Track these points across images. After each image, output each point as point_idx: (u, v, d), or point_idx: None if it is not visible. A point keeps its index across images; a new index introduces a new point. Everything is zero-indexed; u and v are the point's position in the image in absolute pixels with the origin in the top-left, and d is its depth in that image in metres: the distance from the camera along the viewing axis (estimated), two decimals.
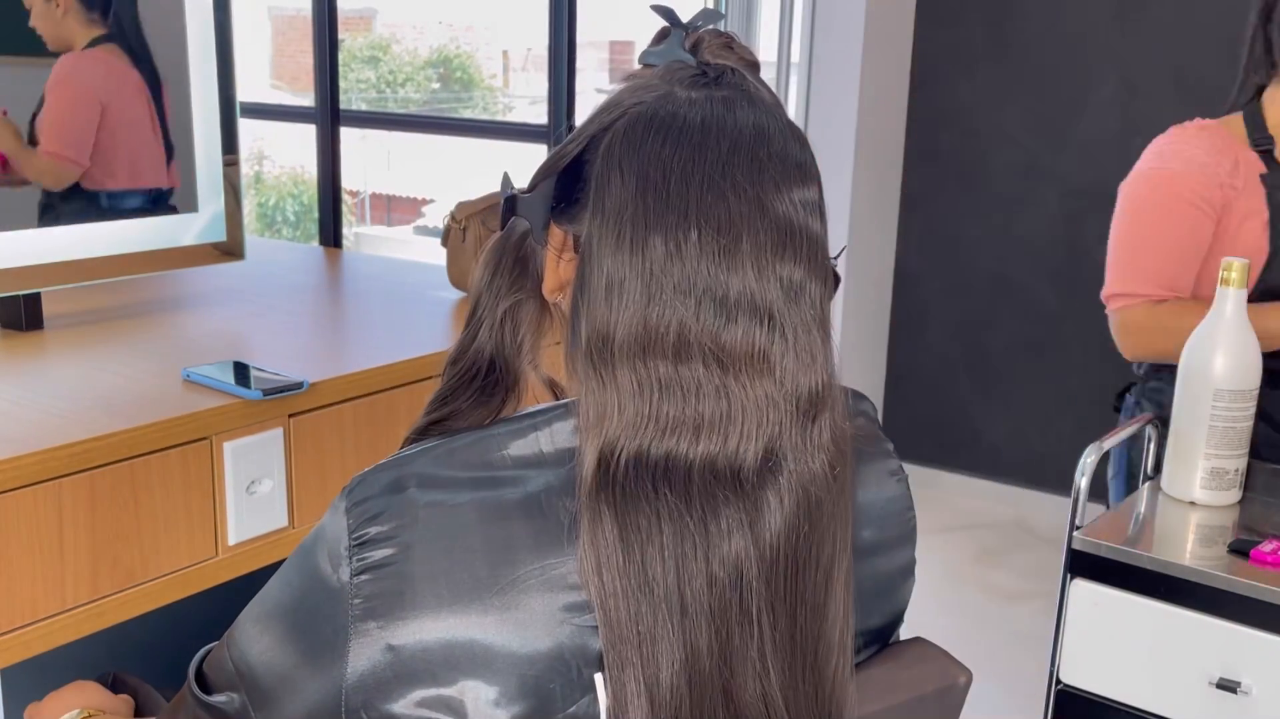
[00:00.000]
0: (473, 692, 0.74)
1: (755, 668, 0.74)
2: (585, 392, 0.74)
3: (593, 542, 0.73)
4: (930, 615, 3.01)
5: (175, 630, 1.37)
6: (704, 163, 0.74)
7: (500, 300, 0.85)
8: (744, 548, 0.73)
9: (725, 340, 0.73)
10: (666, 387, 0.73)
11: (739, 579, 0.73)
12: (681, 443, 0.73)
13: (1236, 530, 1.51)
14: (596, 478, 0.73)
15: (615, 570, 0.73)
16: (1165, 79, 3.44)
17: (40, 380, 1.32)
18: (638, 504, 0.73)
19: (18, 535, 1.09)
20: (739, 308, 0.73)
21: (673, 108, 0.76)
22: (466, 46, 6.85)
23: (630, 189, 0.74)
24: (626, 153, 0.75)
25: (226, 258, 1.67)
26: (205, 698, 0.85)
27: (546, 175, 0.81)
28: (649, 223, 0.73)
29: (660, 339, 0.72)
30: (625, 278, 0.73)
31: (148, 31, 1.55)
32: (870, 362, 3.97)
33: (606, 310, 0.73)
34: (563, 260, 0.81)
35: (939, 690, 0.90)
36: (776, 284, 0.74)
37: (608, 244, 0.74)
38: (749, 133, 0.75)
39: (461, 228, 1.76)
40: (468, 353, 0.85)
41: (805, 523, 0.75)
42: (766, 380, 0.73)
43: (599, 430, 0.73)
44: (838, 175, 3.63)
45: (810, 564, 0.76)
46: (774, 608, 0.75)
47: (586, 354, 0.74)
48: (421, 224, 7.08)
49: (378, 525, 0.75)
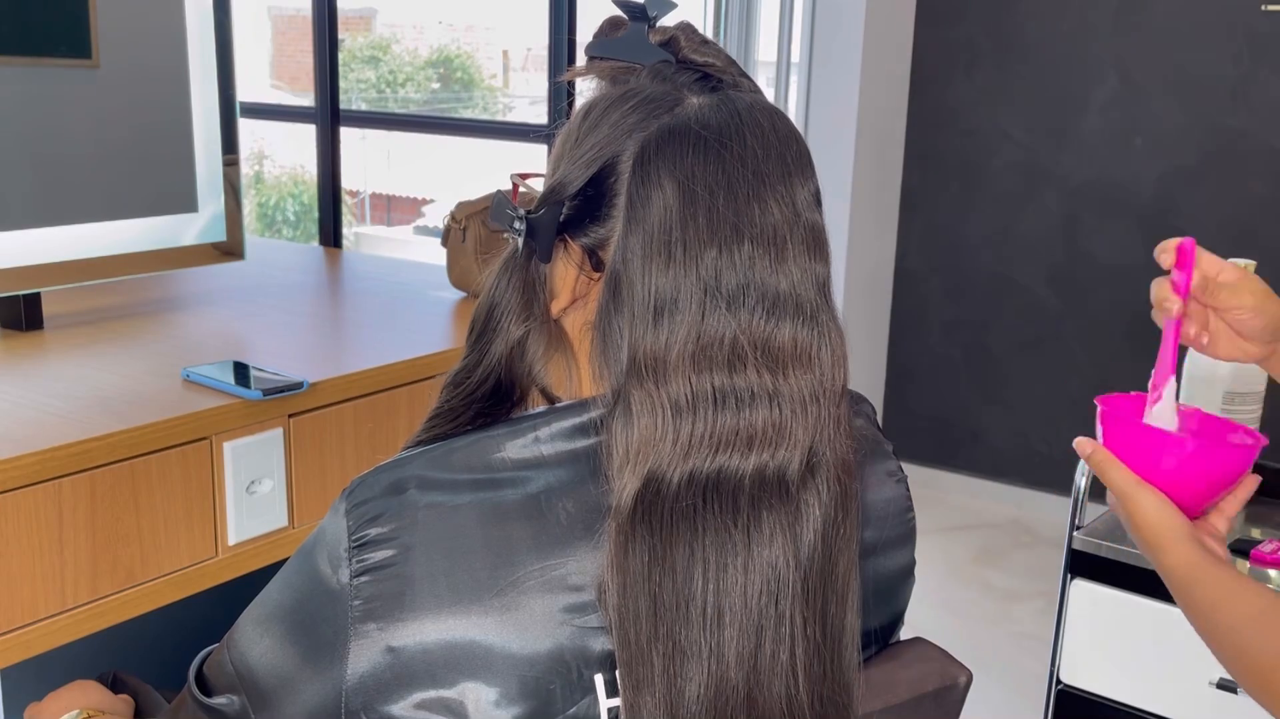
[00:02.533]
0: (473, 693, 0.73)
1: (785, 670, 0.74)
2: (634, 415, 0.73)
3: (621, 566, 0.73)
4: (930, 615, 3.01)
5: (175, 630, 1.37)
6: (744, 173, 0.74)
7: (511, 329, 0.83)
8: (782, 549, 0.74)
9: (776, 341, 0.73)
10: (722, 398, 0.72)
11: (778, 584, 0.74)
12: (734, 458, 0.73)
13: (1238, 531, 1.51)
14: (637, 503, 0.73)
15: (643, 593, 0.72)
16: (1165, 79, 3.44)
17: (40, 380, 1.32)
18: (682, 525, 0.73)
19: (18, 535, 1.09)
20: (786, 309, 0.73)
21: (694, 116, 0.76)
22: (466, 46, 6.85)
23: (675, 205, 0.73)
24: (663, 169, 0.74)
25: (226, 258, 1.67)
26: (205, 700, 0.85)
27: (559, 194, 0.79)
28: (701, 237, 0.73)
29: (716, 350, 0.72)
30: (679, 294, 0.73)
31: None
32: (870, 361, 3.97)
33: (657, 329, 0.73)
34: (581, 277, 0.80)
35: (939, 690, 0.90)
36: (813, 282, 0.75)
37: (656, 261, 0.73)
38: (769, 136, 0.76)
39: (461, 228, 1.76)
40: (473, 376, 0.84)
41: (840, 513, 0.76)
42: (809, 377, 0.74)
43: (646, 455, 0.73)
44: (838, 175, 3.63)
45: (842, 554, 0.77)
46: (809, 605, 0.75)
47: (636, 375, 0.73)
48: (421, 224, 7.08)
49: (377, 527, 0.75)
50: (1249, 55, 3.31)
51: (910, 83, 3.84)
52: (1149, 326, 0.97)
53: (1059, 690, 1.55)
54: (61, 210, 1.48)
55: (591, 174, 0.78)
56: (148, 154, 1.58)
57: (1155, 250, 0.96)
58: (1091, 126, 3.57)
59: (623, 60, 0.82)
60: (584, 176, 0.78)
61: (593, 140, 0.78)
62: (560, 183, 0.79)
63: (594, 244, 0.79)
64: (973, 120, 3.75)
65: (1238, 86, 3.35)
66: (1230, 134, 3.38)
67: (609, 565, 0.73)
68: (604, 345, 0.76)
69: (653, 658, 0.72)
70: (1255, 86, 3.32)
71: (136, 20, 1.54)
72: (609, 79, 0.82)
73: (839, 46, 3.63)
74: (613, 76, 0.82)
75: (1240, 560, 1.44)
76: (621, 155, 0.76)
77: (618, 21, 0.83)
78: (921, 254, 3.92)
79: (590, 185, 0.78)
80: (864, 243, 3.80)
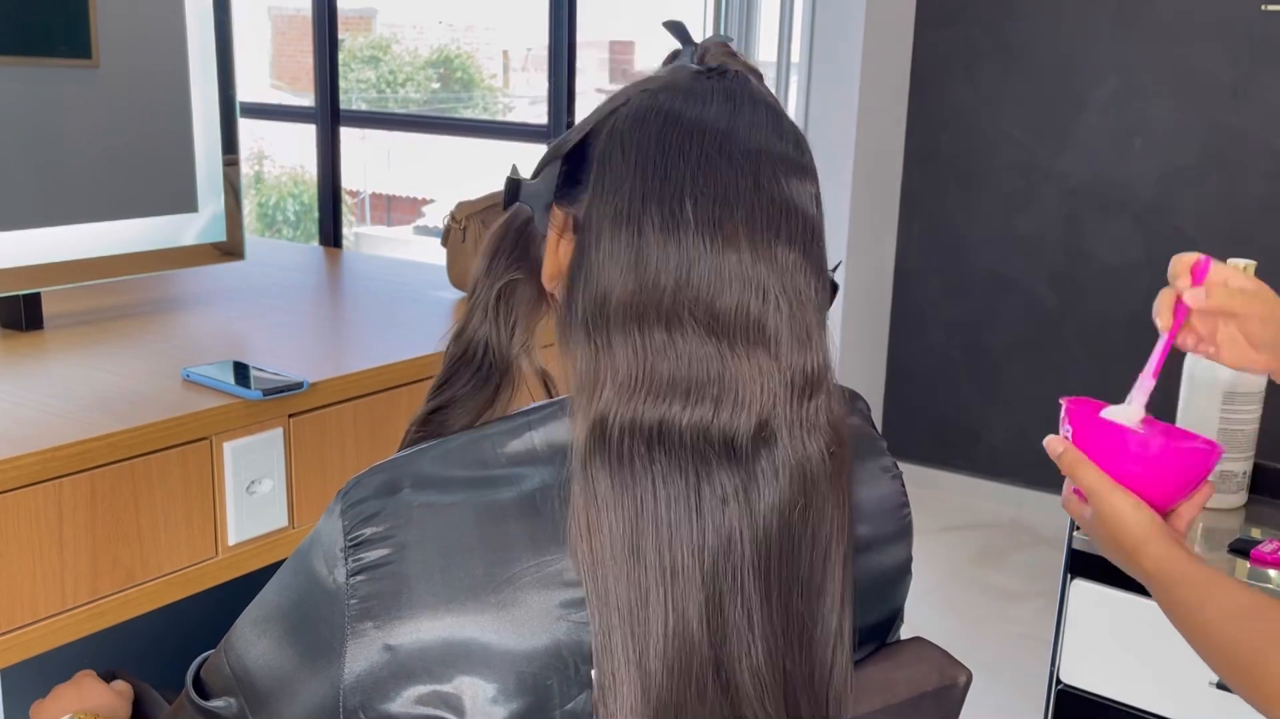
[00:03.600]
0: (470, 689, 0.74)
1: (745, 639, 0.74)
2: (580, 358, 0.74)
3: (584, 506, 0.73)
4: (930, 615, 3.01)
5: (175, 630, 1.37)
6: (703, 141, 0.75)
7: (496, 281, 0.85)
8: (736, 516, 0.74)
9: (719, 308, 0.73)
10: (661, 352, 0.73)
11: (730, 548, 0.74)
12: (674, 407, 0.73)
13: (1238, 530, 1.51)
14: (589, 444, 0.73)
15: (606, 535, 0.73)
16: (1165, 79, 3.44)
17: (40, 380, 1.32)
18: (630, 468, 0.73)
19: (18, 535, 1.09)
20: (734, 278, 0.73)
21: (676, 93, 0.77)
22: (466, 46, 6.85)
23: (630, 165, 0.75)
24: (628, 133, 0.76)
25: (226, 258, 1.67)
26: (203, 703, 0.85)
27: (551, 160, 0.82)
28: (645, 195, 0.74)
29: (655, 306, 0.73)
30: (622, 248, 0.74)
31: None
32: (870, 361, 3.97)
33: (602, 278, 0.74)
34: (562, 243, 0.81)
35: (938, 690, 0.90)
36: (770, 260, 0.74)
37: (606, 218, 0.75)
38: (748, 118, 0.77)
39: (461, 228, 1.76)
40: (463, 334, 0.86)
41: (801, 498, 0.76)
42: (761, 352, 0.74)
43: (592, 397, 0.74)
44: (838, 175, 3.63)
45: (806, 543, 0.76)
46: (766, 580, 0.75)
47: (583, 322, 0.74)
48: (421, 224, 7.08)
49: (373, 526, 0.75)
50: (1249, 55, 3.31)
51: (910, 83, 3.84)
52: (1149, 326, 0.97)
53: (1059, 690, 1.55)
54: (61, 210, 1.48)
55: (579, 138, 0.80)
56: (148, 154, 1.58)
57: (1170, 270, 0.96)
58: (1091, 126, 3.57)
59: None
60: (574, 140, 0.80)
61: (588, 116, 0.81)
62: (556, 146, 0.82)
63: (575, 209, 0.80)
64: (973, 120, 3.75)
65: (1238, 86, 3.34)
66: (1230, 134, 3.37)
67: (576, 510, 0.74)
68: (566, 300, 0.77)
69: (617, 599, 0.72)
70: (1255, 86, 3.32)
71: (136, 20, 1.54)
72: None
73: (839, 46, 3.63)
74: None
75: (1240, 560, 1.44)
76: (604, 124, 0.78)
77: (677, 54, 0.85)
78: (921, 254, 3.92)
79: (576, 150, 0.80)
80: (864, 243, 3.80)
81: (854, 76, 3.61)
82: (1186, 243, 3.38)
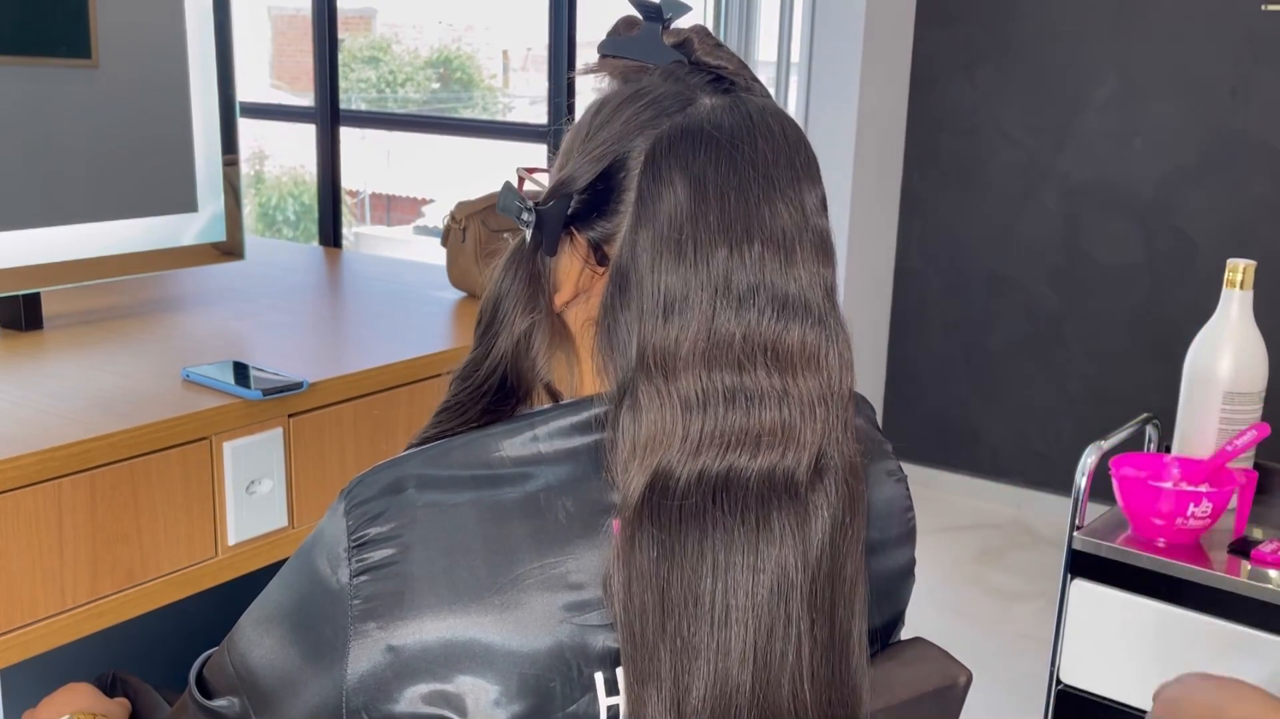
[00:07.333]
0: (473, 689, 0.74)
1: (791, 671, 0.75)
2: (643, 409, 0.73)
3: (628, 561, 0.73)
4: (930, 615, 3.01)
5: (175, 630, 1.37)
6: (756, 175, 0.74)
7: (517, 321, 0.84)
8: (791, 552, 0.74)
9: (786, 343, 0.74)
10: (731, 396, 0.73)
11: (784, 581, 0.74)
12: (743, 457, 0.73)
13: (1238, 531, 1.51)
14: (645, 498, 0.73)
15: (651, 588, 0.72)
16: (1165, 79, 3.44)
17: (40, 380, 1.32)
18: (691, 522, 0.73)
19: (18, 535, 1.09)
20: (795, 311, 0.74)
21: (706, 117, 0.76)
22: (466, 46, 6.85)
23: (685, 203, 0.74)
24: (675, 166, 0.75)
25: (226, 258, 1.67)
26: (206, 703, 0.85)
27: (567, 188, 0.80)
28: (713, 237, 0.73)
29: (726, 349, 0.73)
30: (689, 291, 0.73)
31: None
32: (870, 361, 3.97)
33: (667, 325, 0.73)
34: (585, 270, 0.80)
35: (939, 690, 0.90)
36: (821, 286, 0.75)
37: (666, 259, 0.74)
38: (779, 140, 0.76)
39: (461, 228, 1.76)
40: (480, 369, 0.85)
41: (847, 515, 0.76)
42: (817, 380, 0.75)
43: (655, 450, 0.73)
44: (838, 175, 3.63)
45: (849, 557, 0.77)
46: (816, 608, 0.75)
47: (645, 371, 0.74)
48: (421, 224, 7.08)
49: (377, 526, 0.75)
50: (1249, 55, 3.31)
51: (910, 83, 3.84)
52: (1149, 326, 0.97)
53: (1059, 690, 1.55)
54: (61, 210, 1.48)
55: (601, 169, 0.78)
56: (147, 154, 1.58)
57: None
58: (1091, 126, 3.57)
59: (636, 60, 0.82)
60: (593, 171, 0.79)
61: (603, 135, 0.79)
62: (569, 176, 0.80)
63: (600, 238, 0.79)
64: (973, 120, 3.75)
65: (1238, 86, 3.34)
66: (1230, 134, 3.37)
67: (615, 560, 0.73)
68: (609, 340, 0.76)
69: (660, 653, 0.73)
70: (1255, 86, 3.32)
71: (136, 20, 1.54)
72: (620, 78, 0.83)
73: (839, 46, 3.63)
74: (624, 75, 0.82)
75: (1240, 560, 1.44)
76: (632, 151, 0.77)
77: (632, 21, 0.84)
78: (921, 254, 3.92)
79: (600, 180, 0.78)
80: (864, 243, 3.80)
81: (854, 76, 3.61)
82: (1186, 243, 3.39)
